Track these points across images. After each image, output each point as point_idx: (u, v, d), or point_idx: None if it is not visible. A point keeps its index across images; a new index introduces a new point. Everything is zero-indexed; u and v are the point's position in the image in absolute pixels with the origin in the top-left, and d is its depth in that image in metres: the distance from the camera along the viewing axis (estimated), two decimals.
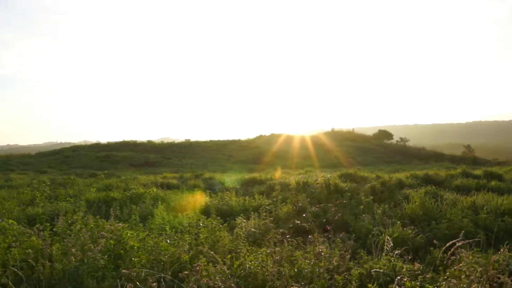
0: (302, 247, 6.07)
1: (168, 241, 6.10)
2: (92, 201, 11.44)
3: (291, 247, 5.79)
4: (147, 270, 4.98)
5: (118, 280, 4.71)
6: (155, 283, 3.79)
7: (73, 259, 5.06)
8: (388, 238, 5.75)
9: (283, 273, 4.84)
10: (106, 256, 5.29)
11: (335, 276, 4.76)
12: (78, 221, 6.22)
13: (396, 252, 5.74)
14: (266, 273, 4.92)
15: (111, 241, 5.68)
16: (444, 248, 5.69)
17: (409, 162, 49.27)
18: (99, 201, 11.42)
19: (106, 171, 27.88)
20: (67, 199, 11.51)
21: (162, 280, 4.78)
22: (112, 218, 6.80)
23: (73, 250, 5.19)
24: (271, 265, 4.99)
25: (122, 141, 64.61)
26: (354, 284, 4.45)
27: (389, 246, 5.70)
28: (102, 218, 6.77)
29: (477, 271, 4.25)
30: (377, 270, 5.23)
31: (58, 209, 9.76)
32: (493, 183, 14.79)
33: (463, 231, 7.19)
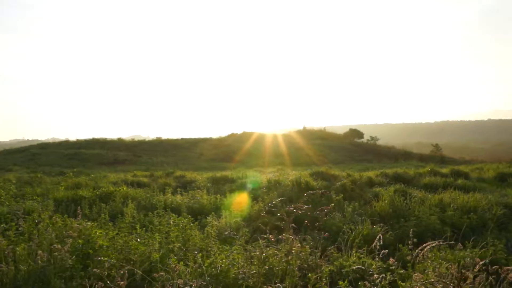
0: (273, 245, 6.09)
1: (138, 240, 6.02)
2: (60, 200, 11.22)
3: (262, 245, 5.80)
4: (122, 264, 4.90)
5: (87, 280, 4.62)
6: (123, 282, 3.72)
7: (40, 260, 4.94)
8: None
9: (254, 271, 4.84)
10: (74, 256, 5.18)
11: (308, 273, 4.79)
12: (45, 220, 6.07)
13: (362, 249, 5.81)
14: (237, 271, 4.91)
15: (80, 241, 5.57)
16: (411, 244, 5.77)
17: (379, 161, 49.97)
18: (68, 200, 11.20)
19: (75, 169, 27.38)
20: (34, 197, 11.22)
21: (132, 278, 4.72)
22: (81, 217, 6.67)
23: (39, 250, 5.07)
24: (242, 263, 4.99)
25: (91, 138, 63.57)
26: (325, 281, 4.49)
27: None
28: (70, 217, 6.63)
29: (443, 267, 4.34)
30: (350, 266, 5.28)
31: (25, 208, 9.52)
32: (459, 181, 15.16)
33: (431, 228, 7.37)
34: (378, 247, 5.36)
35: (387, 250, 5.25)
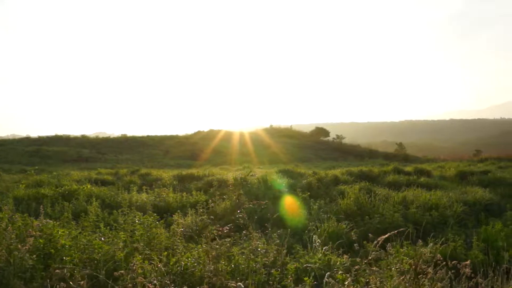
0: (239, 243, 6.09)
1: (103, 238, 5.91)
2: (20, 199, 10.89)
3: (228, 243, 5.78)
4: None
5: (48, 281, 4.51)
6: (82, 282, 3.65)
7: None
8: (315, 236, 5.87)
9: (220, 269, 4.83)
10: (34, 256, 5.03)
11: (272, 271, 4.81)
12: (4, 220, 5.88)
13: (327, 246, 5.88)
14: (203, 270, 4.89)
15: (41, 240, 5.42)
16: (375, 241, 5.87)
17: (344, 159, 50.66)
18: (29, 199, 10.89)
19: (36, 167, 26.61)
20: None
21: (95, 278, 4.63)
22: (42, 216, 6.49)
23: None
24: (207, 262, 4.97)
25: (54, 135, 61.99)
26: (290, 278, 4.51)
27: (317, 243, 5.82)
28: (31, 216, 6.45)
29: (405, 263, 4.44)
30: (313, 264, 5.33)
31: None
32: (422, 179, 15.54)
33: (394, 225, 7.51)
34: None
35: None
